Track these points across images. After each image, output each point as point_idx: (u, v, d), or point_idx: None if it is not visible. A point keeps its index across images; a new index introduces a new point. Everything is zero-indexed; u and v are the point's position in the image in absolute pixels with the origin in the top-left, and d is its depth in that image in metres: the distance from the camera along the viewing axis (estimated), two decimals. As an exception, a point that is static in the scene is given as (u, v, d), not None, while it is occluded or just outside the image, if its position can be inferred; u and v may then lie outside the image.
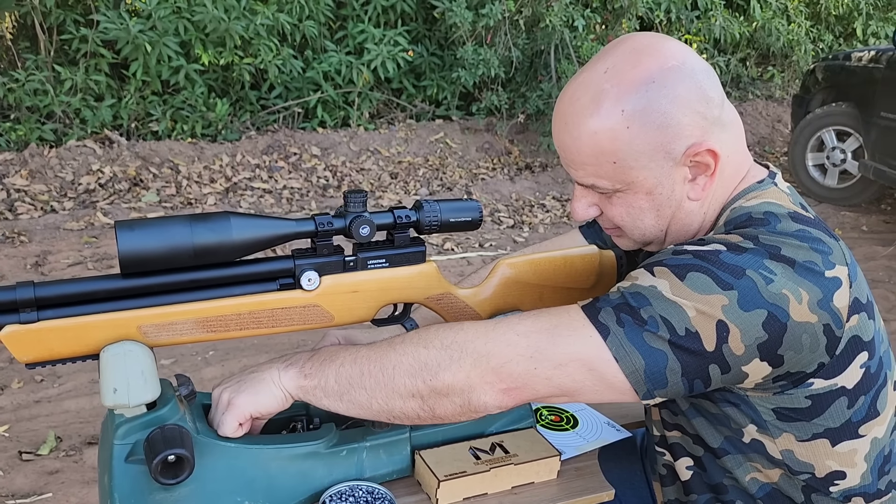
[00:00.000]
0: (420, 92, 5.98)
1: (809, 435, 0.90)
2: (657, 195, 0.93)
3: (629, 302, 0.84)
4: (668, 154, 0.89)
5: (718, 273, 0.82)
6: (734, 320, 0.81)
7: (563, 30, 5.35)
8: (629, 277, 0.89)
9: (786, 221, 0.88)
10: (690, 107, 0.88)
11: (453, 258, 4.06)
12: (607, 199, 0.96)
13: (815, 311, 0.82)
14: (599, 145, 0.89)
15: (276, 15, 5.08)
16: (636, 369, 0.83)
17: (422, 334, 0.91)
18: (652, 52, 0.89)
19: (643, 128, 0.87)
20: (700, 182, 0.93)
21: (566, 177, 5.48)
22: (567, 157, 0.94)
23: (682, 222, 0.96)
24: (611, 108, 0.87)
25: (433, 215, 1.00)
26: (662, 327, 0.82)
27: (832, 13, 7.83)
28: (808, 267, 0.83)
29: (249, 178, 4.86)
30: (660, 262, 0.86)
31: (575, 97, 0.91)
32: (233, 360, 2.93)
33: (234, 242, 0.89)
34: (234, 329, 0.94)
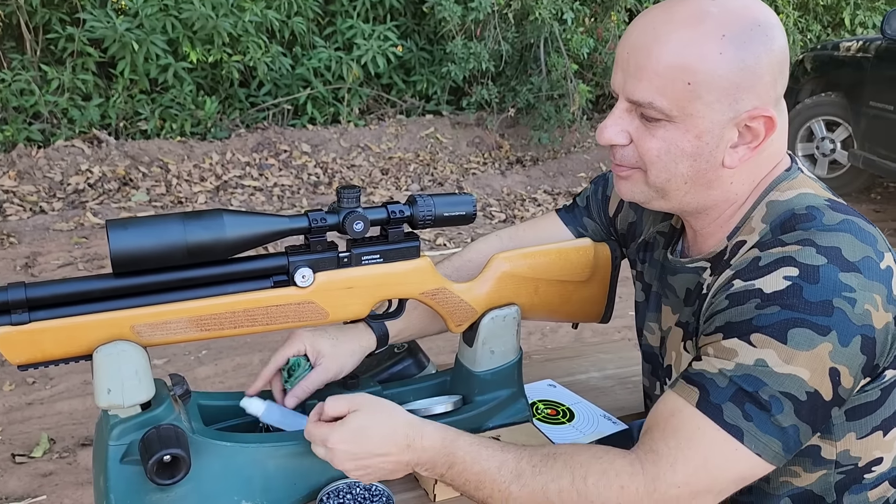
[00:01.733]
0: (410, 87, 5.97)
1: (869, 430, 0.90)
2: (703, 143, 0.87)
3: (744, 388, 0.81)
4: (735, 103, 0.85)
5: (812, 319, 0.79)
6: (840, 361, 0.81)
7: (552, 23, 5.34)
8: (723, 351, 0.83)
9: (828, 213, 0.86)
10: (773, 69, 0.86)
11: (446, 254, 4.05)
12: (648, 130, 0.89)
13: (887, 310, 0.83)
14: (685, 58, 0.83)
15: (265, 12, 5.05)
16: (777, 453, 0.82)
17: (579, 488, 0.85)
18: (760, 3, 0.87)
19: (733, 62, 0.84)
20: (740, 151, 0.89)
21: (557, 170, 5.49)
22: (637, 63, 0.86)
23: (707, 185, 0.92)
24: (712, 28, 0.84)
25: (427, 210, 1.00)
26: (786, 403, 0.80)
27: (820, 3, 7.84)
28: (870, 265, 0.82)
29: (240, 176, 4.84)
30: (752, 327, 0.82)
31: (672, 8, 0.86)
32: (226, 359, 2.92)
33: (227, 240, 0.88)
34: (229, 327, 0.93)
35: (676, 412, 0.85)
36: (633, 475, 0.85)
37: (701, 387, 0.84)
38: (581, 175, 5.51)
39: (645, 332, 1.13)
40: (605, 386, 1.33)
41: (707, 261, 0.97)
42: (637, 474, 0.85)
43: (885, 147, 4.54)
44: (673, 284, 1.03)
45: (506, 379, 1.13)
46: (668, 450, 0.84)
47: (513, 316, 1.11)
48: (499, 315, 1.10)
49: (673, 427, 0.85)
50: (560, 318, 1.20)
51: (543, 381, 1.32)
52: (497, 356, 1.12)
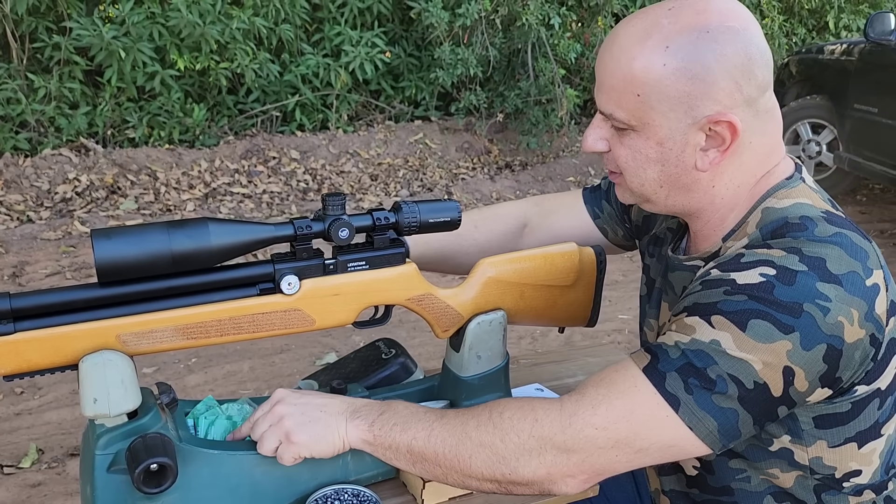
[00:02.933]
0: (398, 93, 5.98)
1: (842, 440, 0.90)
2: (666, 149, 0.90)
3: (693, 363, 0.82)
4: (691, 110, 0.87)
5: (778, 316, 0.80)
6: (798, 362, 0.81)
7: (539, 28, 5.37)
8: (683, 327, 0.85)
9: (822, 225, 0.87)
10: (731, 74, 0.86)
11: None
12: (619, 139, 0.94)
13: (863, 326, 0.83)
14: (632, 72, 0.87)
15: (252, 19, 5.05)
16: (710, 432, 0.83)
17: (496, 421, 0.90)
18: (721, 7, 0.88)
19: (678, 72, 0.86)
20: (710, 155, 0.90)
21: (546, 175, 5.51)
22: (600, 78, 0.93)
23: (686, 190, 0.94)
24: (658, 42, 0.87)
25: (412, 216, 1.00)
26: (731, 385, 0.81)
27: (805, 7, 7.91)
28: (853, 281, 0.82)
29: (228, 183, 4.83)
30: (715, 309, 0.83)
31: (631, 23, 0.91)
32: (216, 367, 2.91)
33: (212, 248, 0.89)
34: (215, 335, 0.93)
35: (620, 370, 0.88)
36: (550, 410, 0.88)
37: (654, 354, 0.86)
38: (570, 179, 5.53)
39: (645, 327, 1.15)
40: (592, 389, 1.34)
41: (702, 260, 0.99)
42: (554, 410, 0.88)
43: (869, 149, 4.58)
44: (672, 281, 1.05)
45: (493, 384, 1.14)
46: (596, 395, 0.87)
47: (499, 321, 1.11)
48: (485, 320, 1.10)
49: (610, 379, 0.88)
50: (546, 322, 1.20)
51: (531, 385, 1.33)
52: (484, 361, 1.12)
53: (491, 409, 0.92)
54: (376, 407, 0.97)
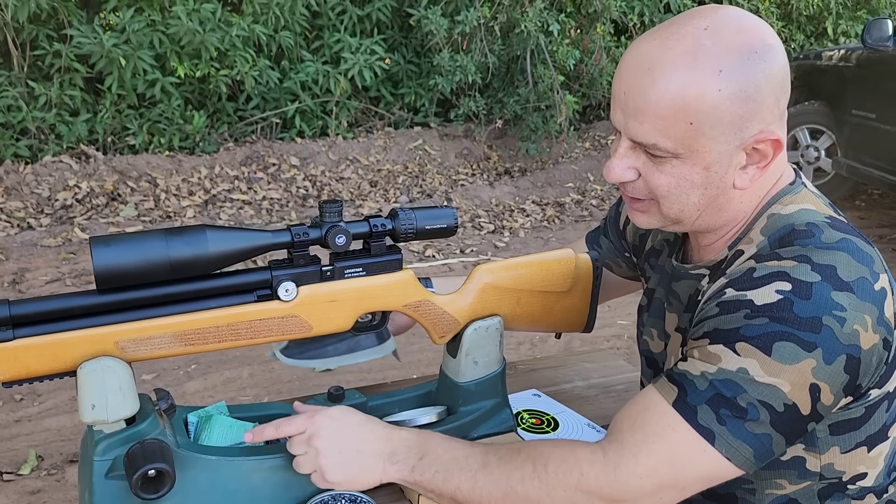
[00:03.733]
0: (398, 99, 5.99)
1: (853, 445, 0.91)
2: (712, 173, 0.87)
3: (723, 393, 0.82)
4: (740, 132, 0.85)
5: (800, 335, 0.80)
6: (823, 378, 0.81)
7: (538, 35, 5.39)
8: (708, 355, 0.84)
9: (828, 231, 0.87)
10: (775, 91, 0.85)
11: (435, 265, 4.06)
12: (656, 166, 0.88)
13: (876, 331, 0.83)
14: (685, 100, 0.82)
15: (252, 26, 5.07)
16: (747, 459, 0.83)
17: (541, 475, 0.88)
18: (754, 23, 0.85)
19: (734, 95, 0.82)
20: (750, 172, 0.89)
21: (545, 181, 5.52)
22: (636, 106, 0.85)
23: (719, 208, 0.92)
24: (709, 65, 0.81)
25: (409, 223, 1.01)
26: (763, 411, 0.81)
27: (803, 13, 7.94)
28: (863, 286, 0.83)
29: (228, 189, 4.85)
30: (739, 336, 0.82)
31: (667, 44, 0.83)
32: (215, 373, 2.91)
33: (210, 255, 0.89)
34: (213, 342, 0.94)
35: (651, 407, 0.87)
36: (594, 462, 0.87)
37: (681, 386, 0.85)
38: (569, 185, 5.54)
39: (644, 336, 1.15)
40: (589, 395, 1.35)
41: (707, 268, 0.98)
42: (598, 462, 0.87)
43: (867, 154, 4.59)
44: (677, 291, 1.05)
45: (490, 389, 1.14)
46: (634, 441, 0.86)
47: (496, 327, 1.12)
48: (482, 326, 1.11)
49: (644, 421, 0.87)
50: (543, 328, 1.21)
51: (528, 391, 1.33)
52: (481, 367, 1.13)
53: (535, 461, 0.89)
54: (415, 448, 0.95)
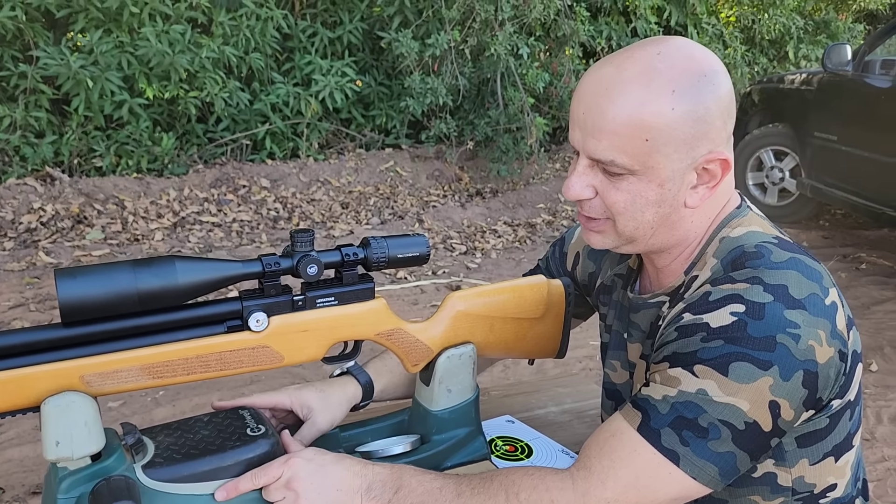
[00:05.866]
0: (369, 121, 6.01)
1: (821, 455, 0.93)
2: (666, 190, 0.91)
3: (684, 415, 0.84)
4: (692, 150, 0.89)
5: (755, 354, 0.83)
6: (781, 394, 0.83)
7: (508, 58, 5.45)
8: (668, 379, 0.87)
9: (776, 251, 0.90)
10: (723, 114, 0.90)
11: (407, 286, 4.05)
12: (612, 183, 0.92)
13: (831, 345, 0.85)
14: (641, 118, 0.86)
15: (222, 48, 5.06)
16: (713, 477, 0.85)
17: (511, 500, 0.90)
18: (702, 52, 0.90)
19: (686, 114, 0.87)
20: (700, 191, 0.93)
21: (516, 202, 5.55)
22: (594, 124, 0.89)
23: (671, 227, 0.95)
24: (663, 85, 0.86)
25: (381, 252, 1.01)
26: (724, 430, 0.84)
27: (765, 37, 8.14)
28: (815, 302, 0.85)
29: (198, 212, 4.80)
30: (696, 358, 0.85)
31: (623, 66, 0.88)
32: (184, 400, 2.86)
33: (179, 287, 0.88)
34: (182, 374, 0.92)
35: (617, 433, 0.89)
36: (563, 490, 0.89)
37: (644, 411, 0.88)
38: (540, 206, 5.58)
39: (607, 369, 1.16)
40: (563, 420, 1.35)
41: (666, 295, 1.00)
42: (567, 489, 0.89)
43: (830, 175, 4.69)
44: (637, 321, 1.06)
45: (463, 417, 1.14)
46: (602, 467, 0.88)
47: (469, 354, 1.12)
48: (455, 354, 1.11)
49: (610, 447, 0.89)
50: (516, 354, 1.21)
51: (502, 417, 1.33)
52: (454, 395, 1.12)
53: (507, 490, 0.91)
54: (390, 482, 0.95)
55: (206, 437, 0.97)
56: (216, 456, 0.93)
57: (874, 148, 4.28)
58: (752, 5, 8.22)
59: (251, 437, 0.97)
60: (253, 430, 0.98)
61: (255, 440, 0.96)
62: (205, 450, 0.94)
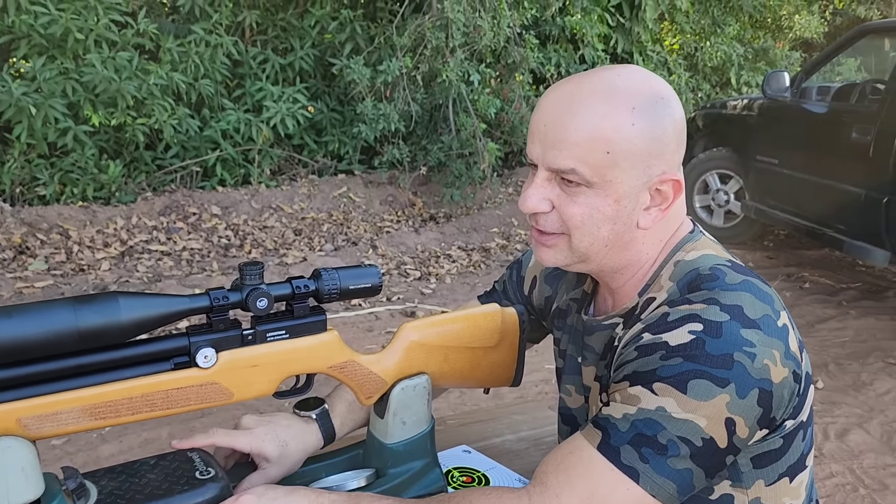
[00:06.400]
0: (321, 147, 5.98)
1: (776, 476, 0.94)
2: (622, 207, 0.92)
3: (644, 432, 0.85)
4: (648, 168, 0.91)
5: (713, 372, 0.84)
6: (737, 412, 0.84)
7: (459, 84, 5.50)
8: (628, 397, 0.87)
9: (730, 273, 0.91)
10: (677, 136, 0.93)
11: (361, 313, 4.02)
12: (569, 197, 0.93)
13: (785, 365, 0.87)
14: (602, 130, 0.88)
15: (171, 74, 4.99)
16: (671, 494, 0.85)
17: None
18: (657, 78, 0.94)
19: (644, 131, 0.89)
20: (652, 213, 0.94)
21: (470, 226, 5.57)
22: (556, 136, 0.91)
23: (624, 247, 0.96)
24: (623, 102, 0.89)
25: (332, 284, 0.99)
26: (682, 447, 0.84)
27: (708, 64, 8.40)
28: (768, 323, 0.87)
29: (146, 240, 4.69)
30: (655, 376, 0.86)
31: (584, 83, 0.91)
32: (131, 435, 2.77)
33: (123, 324, 0.85)
34: (126, 414, 0.89)
35: (576, 451, 0.89)
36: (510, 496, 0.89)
37: (604, 430, 0.88)
38: (494, 230, 5.61)
39: (562, 394, 1.16)
40: (519, 448, 1.34)
41: (620, 316, 1.01)
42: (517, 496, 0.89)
43: (772, 198, 4.84)
44: (591, 344, 1.06)
45: (419, 449, 1.12)
46: (558, 483, 0.88)
47: (423, 385, 1.10)
48: (409, 385, 1.09)
49: (568, 463, 0.89)
50: (471, 384, 1.20)
51: (458, 447, 1.32)
52: (409, 427, 1.11)
53: None
54: None
55: (153, 482, 0.93)
56: (162, 501, 0.89)
57: (812, 171, 4.43)
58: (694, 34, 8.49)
59: (200, 480, 0.93)
60: (202, 472, 0.95)
61: (203, 484, 0.93)
62: (150, 495, 0.90)
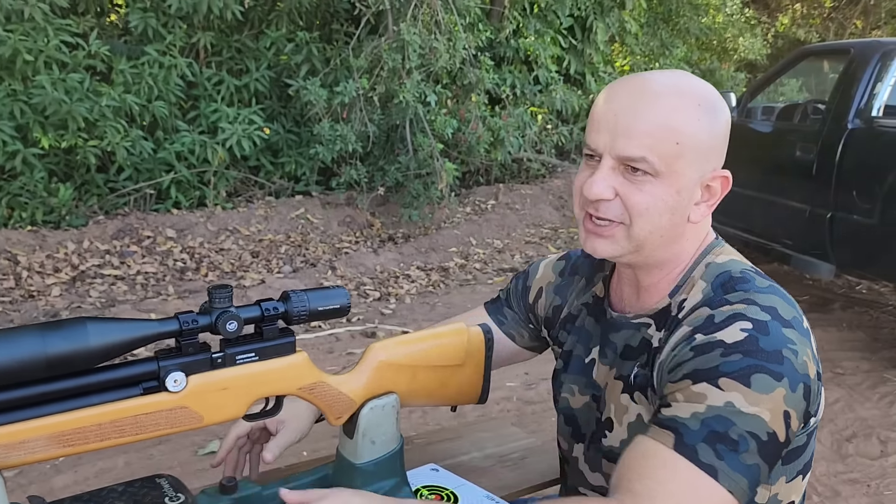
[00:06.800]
0: (278, 168, 5.95)
1: (794, 473, 0.98)
2: (681, 198, 0.97)
3: (716, 429, 0.87)
4: (706, 163, 0.97)
5: (769, 366, 0.88)
6: (791, 405, 0.89)
7: (416, 105, 5.54)
8: (693, 395, 0.89)
9: (758, 278, 0.98)
10: (726, 137, 1.00)
11: (321, 335, 4.00)
12: (634, 185, 0.96)
13: (815, 363, 0.93)
14: (674, 121, 0.94)
15: (123, 96, 4.93)
16: (744, 490, 0.87)
17: None
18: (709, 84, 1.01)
19: (707, 128, 0.96)
20: (701, 208, 1.00)
21: (429, 246, 5.59)
22: (627, 125, 0.95)
23: (673, 241, 1.01)
24: (691, 99, 0.96)
25: (301, 306, 1.00)
26: (751, 442, 0.87)
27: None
28: (799, 324, 0.94)
29: (99, 265, 4.60)
30: (719, 372, 0.89)
31: (652, 79, 0.97)
32: (87, 465, 2.70)
33: (91, 349, 0.84)
34: (95, 441, 0.88)
35: (651, 455, 0.90)
36: None
37: (675, 430, 0.89)
38: (452, 250, 5.64)
39: (563, 394, 1.18)
40: (486, 466, 1.36)
41: (649, 317, 1.04)
42: None
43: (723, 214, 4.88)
44: (614, 341, 1.09)
45: (388, 469, 1.13)
46: (647, 489, 0.88)
47: (392, 404, 1.11)
48: (378, 405, 1.10)
49: (650, 467, 0.89)
50: (438, 402, 1.21)
51: (426, 466, 1.32)
52: (378, 446, 1.12)
53: None
54: None
55: None
56: None
57: (760, 188, 4.57)
58: (644, 55, 8.72)
59: None
60: (171, 498, 0.94)
61: None
62: None
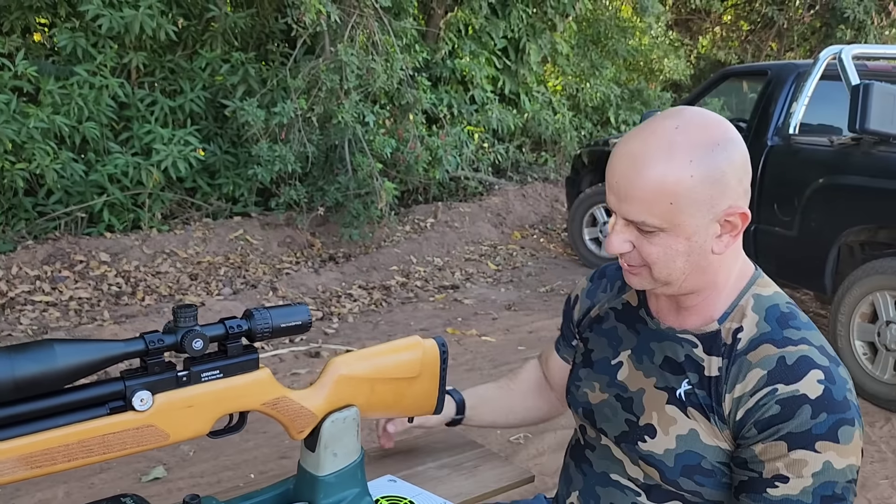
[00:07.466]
0: (215, 190, 5.88)
1: None
2: (693, 242, 1.03)
3: (825, 494, 0.97)
4: (713, 207, 1.02)
5: (846, 416, 0.97)
6: (862, 441, 0.99)
7: (354, 125, 5.57)
8: (794, 464, 0.98)
9: (800, 312, 1.07)
10: (737, 174, 1.03)
11: (265, 356, 3.97)
12: (646, 238, 1.04)
13: None
14: (664, 185, 0.99)
15: (52, 117, 4.80)
16: None
17: None
18: (716, 122, 1.04)
19: (703, 180, 1.00)
20: (724, 240, 1.05)
21: (370, 265, 5.61)
22: (625, 192, 1.02)
23: (702, 271, 1.07)
24: (682, 157, 0.99)
25: (264, 323, 1.03)
26: (851, 486, 0.98)
27: (588, 104, 8.89)
28: (837, 357, 1.03)
29: (29, 291, 4.45)
30: (812, 436, 0.97)
31: (647, 141, 1.02)
32: (24, 497, 2.62)
33: (59, 371, 0.86)
34: (62, 461, 0.89)
35: None
36: None
37: None
38: (393, 268, 5.67)
39: (584, 388, 1.25)
40: (442, 475, 1.40)
41: (696, 337, 1.11)
42: None
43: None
44: (655, 350, 1.16)
45: (350, 480, 1.16)
46: None
47: (352, 417, 1.15)
48: (339, 417, 1.14)
49: None
50: (396, 413, 1.26)
51: (384, 477, 1.36)
52: (340, 458, 1.15)
53: None
54: None
55: None
56: None
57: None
58: (575, 76, 8.98)
59: None
60: None
61: None
62: None
